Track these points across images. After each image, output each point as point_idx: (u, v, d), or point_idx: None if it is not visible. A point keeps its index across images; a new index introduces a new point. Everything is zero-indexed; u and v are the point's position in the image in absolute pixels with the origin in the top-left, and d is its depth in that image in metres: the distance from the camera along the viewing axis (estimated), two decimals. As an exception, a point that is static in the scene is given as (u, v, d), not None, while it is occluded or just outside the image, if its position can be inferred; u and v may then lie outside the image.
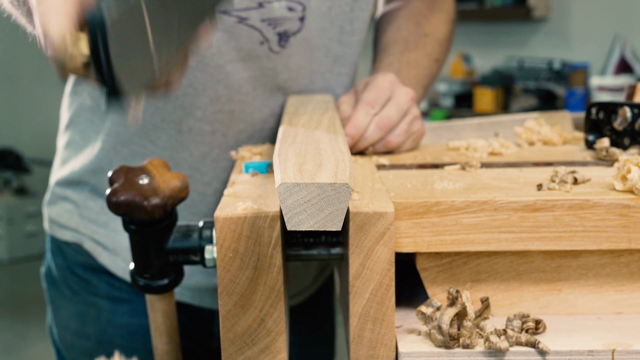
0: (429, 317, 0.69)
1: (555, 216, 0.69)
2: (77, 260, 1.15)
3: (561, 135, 1.01)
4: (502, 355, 0.66)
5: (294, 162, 0.63)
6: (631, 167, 0.71)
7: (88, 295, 1.15)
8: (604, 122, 0.92)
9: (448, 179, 0.79)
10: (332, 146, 0.70)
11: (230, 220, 0.67)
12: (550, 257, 0.73)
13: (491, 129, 1.18)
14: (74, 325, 1.16)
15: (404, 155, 0.95)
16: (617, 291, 0.74)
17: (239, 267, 0.68)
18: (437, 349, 0.66)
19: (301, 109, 0.92)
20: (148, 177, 0.78)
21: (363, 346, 0.68)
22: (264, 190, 0.75)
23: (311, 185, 0.58)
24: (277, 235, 0.68)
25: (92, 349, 1.14)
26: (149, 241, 0.80)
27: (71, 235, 1.15)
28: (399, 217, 0.69)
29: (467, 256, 0.73)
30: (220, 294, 0.68)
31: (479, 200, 0.69)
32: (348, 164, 0.63)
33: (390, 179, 0.80)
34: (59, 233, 1.17)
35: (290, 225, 0.59)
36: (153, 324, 0.86)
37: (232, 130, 1.06)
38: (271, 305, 0.69)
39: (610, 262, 0.73)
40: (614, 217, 0.69)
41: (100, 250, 1.13)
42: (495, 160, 0.89)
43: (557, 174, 0.75)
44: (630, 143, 0.89)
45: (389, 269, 0.67)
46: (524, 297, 0.74)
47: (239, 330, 0.69)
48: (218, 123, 1.06)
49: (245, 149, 0.95)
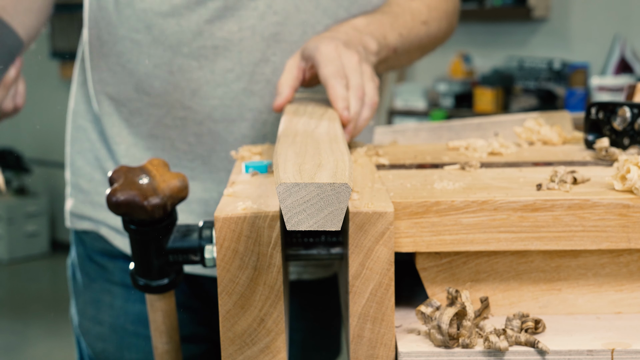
0: (428, 316, 0.69)
1: (555, 216, 0.69)
2: (96, 248, 1.20)
3: (561, 135, 1.01)
4: (501, 355, 0.66)
5: (293, 162, 0.63)
6: (630, 167, 0.71)
7: (104, 283, 1.19)
8: (603, 122, 0.92)
9: (448, 178, 0.79)
10: (332, 146, 0.70)
11: (230, 220, 0.67)
12: (550, 256, 0.73)
13: (491, 129, 1.18)
14: (90, 312, 1.20)
15: (404, 155, 0.95)
16: (616, 291, 0.74)
17: (239, 267, 0.68)
18: (437, 348, 0.67)
19: (301, 109, 0.92)
20: (148, 177, 0.79)
21: (363, 346, 0.68)
22: (263, 190, 0.75)
23: (310, 185, 0.58)
24: (277, 235, 0.68)
25: (106, 335, 1.18)
26: (149, 241, 0.80)
27: (88, 224, 1.20)
28: (398, 217, 0.69)
29: (467, 256, 0.73)
30: (220, 293, 0.69)
31: (479, 200, 0.69)
32: (347, 164, 0.63)
33: (390, 179, 0.80)
34: (77, 224, 1.22)
35: (290, 225, 0.59)
36: (153, 323, 0.87)
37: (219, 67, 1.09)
38: (271, 305, 0.69)
39: (609, 261, 0.73)
40: (613, 217, 0.69)
41: (114, 234, 1.18)
42: (495, 160, 0.89)
43: (557, 173, 0.75)
44: (630, 143, 0.89)
45: (389, 268, 0.67)
46: (523, 296, 0.74)
47: (239, 330, 0.69)
48: (204, 59, 1.09)
49: (245, 148, 0.95)
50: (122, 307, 1.17)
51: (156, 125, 1.13)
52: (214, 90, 1.09)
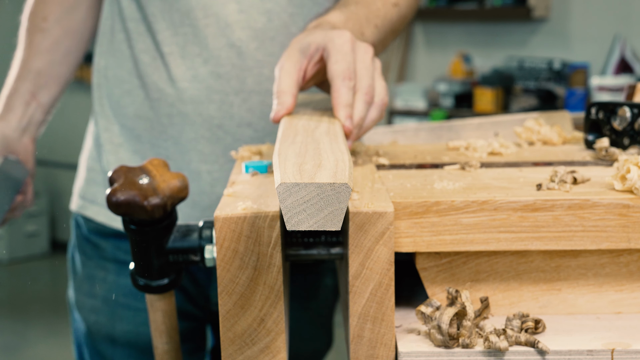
0: (428, 316, 0.69)
1: (555, 216, 0.69)
2: (91, 228, 1.27)
3: (561, 135, 1.01)
4: (501, 355, 0.66)
5: (293, 162, 0.63)
6: (630, 167, 0.71)
7: (98, 260, 1.25)
8: (603, 122, 0.92)
9: (448, 178, 0.79)
10: (332, 146, 0.70)
11: (230, 220, 0.67)
12: (550, 256, 0.73)
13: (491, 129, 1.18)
14: (86, 287, 1.27)
15: (404, 155, 0.95)
16: (616, 291, 0.74)
17: (239, 267, 0.68)
18: (437, 348, 0.66)
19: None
20: (148, 177, 0.79)
21: (363, 346, 0.68)
22: (263, 190, 0.75)
23: (310, 185, 0.58)
24: (277, 235, 0.68)
25: (98, 307, 1.25)
26: (149, 241, 0.80)
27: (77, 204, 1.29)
28: (398, 217, 0.69)
29: (467, 256, 0.73)
30: (220, 293, 0.69)
31: (479, 200, 0.69)
32: (347, 164, 0.63)
33: (390, 179, 0.80)
34: (74, 206, 1.30)
35: (290, 225, 0.59)
36: (153, 323, 0.87)
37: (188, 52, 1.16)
38: (271, 305, 0.69)
39: (609, 261, 0.73)
40: (613, 216, 0.69)
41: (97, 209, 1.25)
42: (495, 160, 0.89)
43: (557, 173, 0.75)
44: (630, 143, 0.89)
45: (389, 268, 0.67)
46: (523, 296, 0.74)
47: (239, 330, 0.69)
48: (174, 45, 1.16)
49: (245, 148, 0.95)
50: (115, 281, 1.23)
51: (141, 106, 1.20)
52: (183, 73, 1.16)
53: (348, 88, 0.85)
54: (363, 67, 0.87)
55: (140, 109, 1.20)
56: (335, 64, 0.86)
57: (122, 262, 1.23)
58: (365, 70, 0.87)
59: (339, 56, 0.87)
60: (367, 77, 0.87)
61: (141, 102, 1.20)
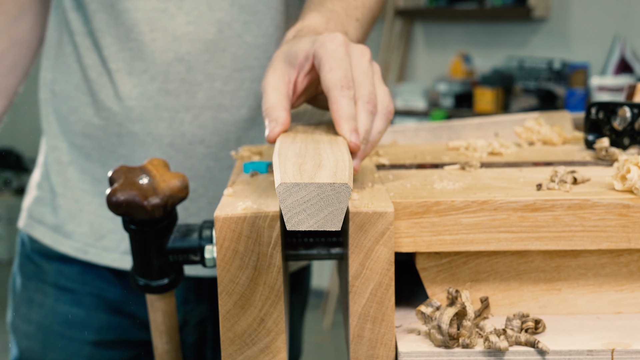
0: (428, 316, 0.69)
1: (555, 216, 0.69)
2: (34, 248, 1.21)
3: (561, 135, 1.01)
4: (501, 355, 0.66)
5: (293, 162, 0.63)
6: (631, 167, 0.71)
7: (38, 282, 1.19)
8: (603, 122, 0.92)
9: (448, 178, 0.79)
10: (332, 146, 0.70)
11: (230, 220, 0.67)
12: (550, 256, 0.73)
13: (491, 129, 1.18)
14: (22, 310, 1.21)
15: (404, 155, 0.95)
16: (616, 291, 0.74)
17: (239, 267, 0.68)
18: (437, 348, 0.66)
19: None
20: (148, 177, 0.79)
21: (363, 346, 0.68)
22: (263, 190, 0.75)
23: (310, 185, 0.58)
24: (277, 235, 0.68)
25: (32, 333, 1.19)
26: (149, 241, 0.80)
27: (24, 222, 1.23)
28: (398, 217, 0.69)
29: (467, 256, 0.73)
30: (220, 293, 0.69)
31: (479, 200, 0.69)
32: (347, 164, 0.63)
33: (390, 179, 0.80)
34: (21, 223, 1.24)
35: (290, 225, 0.59)
36: (153, 323, 0.87)
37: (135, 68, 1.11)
38: (271, 305, 0.69)
39: (609, 261, 0.73)
40: (613, 217, 0.69)
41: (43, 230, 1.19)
42: (495, 160, 0.89)
43: (557, 173, 0.75)
44: (630, 143, 0.89)
45: (389, 268, 0.67)
46: (523, 296, 0.74)
47: (239, 330, 0.69)
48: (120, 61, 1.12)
49: (245, 148, 0.95)
50: (52, 307, 1.18)
51: (88, 124, 1.15)
52: (130, 91, 1.11)
53: (348, 98, 0.74)
54: (361, 72, 0.77)
55: (88, 127, 1.15)
56: (329, 72, 0.75)
57: (62, 289, 1.17)
58: (364, 75, 0.76)
59: (333, 63, 0.75)
60: (367, 83, 0.76)
61: (89, 119, 1.14)
